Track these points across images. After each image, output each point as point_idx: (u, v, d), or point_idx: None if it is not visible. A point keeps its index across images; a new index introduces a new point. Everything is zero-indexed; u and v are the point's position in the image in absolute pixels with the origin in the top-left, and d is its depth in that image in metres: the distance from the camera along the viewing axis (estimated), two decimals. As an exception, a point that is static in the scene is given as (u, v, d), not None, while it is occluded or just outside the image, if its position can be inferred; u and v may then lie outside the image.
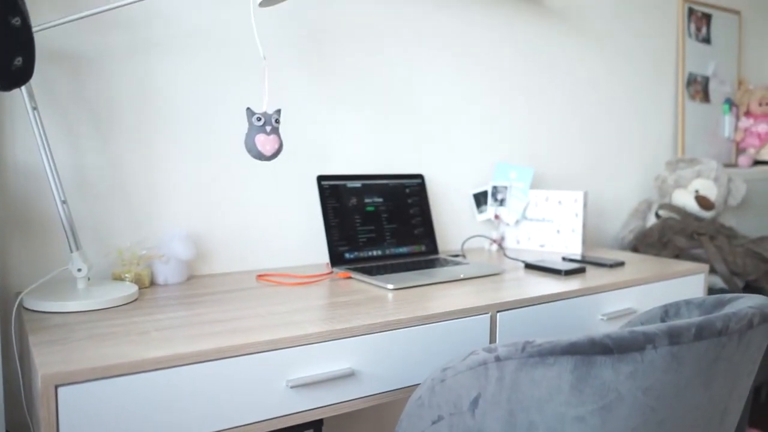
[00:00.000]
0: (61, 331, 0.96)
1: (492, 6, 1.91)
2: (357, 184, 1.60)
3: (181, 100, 1.42)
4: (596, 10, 2.20)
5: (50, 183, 1.14)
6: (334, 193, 1.55)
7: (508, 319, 1.22)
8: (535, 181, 2.09)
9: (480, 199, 1.90)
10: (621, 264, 1.61)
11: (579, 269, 1.50)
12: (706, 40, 2.62)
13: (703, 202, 2.18)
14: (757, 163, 2.76)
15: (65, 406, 0.80)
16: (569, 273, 1.47)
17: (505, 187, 1.87)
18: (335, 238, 1.52)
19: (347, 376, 1.03)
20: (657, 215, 2.24)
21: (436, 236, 1.82)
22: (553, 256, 1.73)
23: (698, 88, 2.59)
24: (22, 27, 0.92)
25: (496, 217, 1.88)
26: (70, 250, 1.16)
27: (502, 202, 1.87)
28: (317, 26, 1.59)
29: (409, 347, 1.09)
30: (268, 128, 1.18)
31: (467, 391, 0.85)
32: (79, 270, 1.16)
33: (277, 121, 1.19)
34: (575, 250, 1.79)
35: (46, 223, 1.28)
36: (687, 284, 1.58)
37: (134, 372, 0.84)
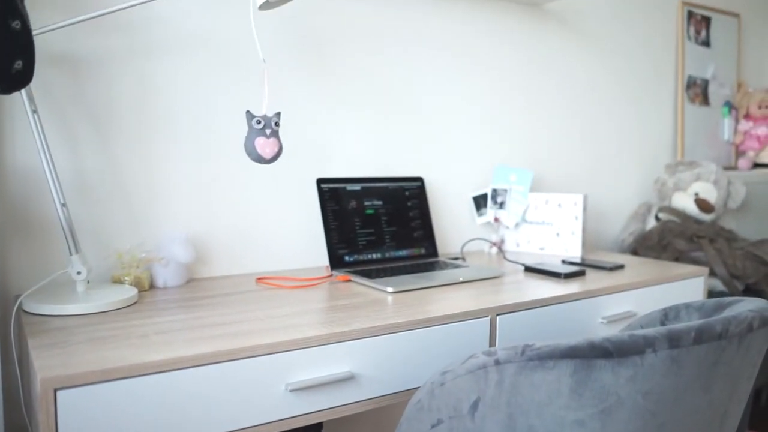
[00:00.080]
0: (61, 335, 0.96)
1: (492, 10, 1.92)
2: (357, 186, 1.60)
3: (180, 103, 1.42)
4: (596, 13, 2.21)
5: (50, 186, 1.14)
6: (334, 196, 1.55)
7: (507, 323, 1.22)
8: (534, 184, 2.09)
9: (480, 202, 1.90)
10: (621, 267, 1.61)
11: (579, 272, 1.49)
12: (706, 43, 2.62)
13: (703, 205, 2.18)
14: (756, 165, 2.76)
15: (64, 409, 0.80)
16: (569, 276, 1.47)
17: (505, 190, 1.87)
18: (335, 241, 1.52)
19: (347, 379, 1.03)
20: (657, 218, 2.24)
21: (436, 239, 1.82)
22: (552, 259, 1.73)
23: (698, 90, 2.59)
24: (22, 30, 0.92)
25: (496, 220, 1.88)
26: (70, 253, 1.16)
27: (501, 205, 1.87)
28: (317, 29, 1.59)
29: (408, 350, 1.09)
30: (268, 131, 1.18)
31: (467, 395, 0.85)
32: (79, 273, 1.16)
33: (277, 124, 1.19)
34: (575, 253, 1.79)
35: (45, 226, 1.28)
36: (687, 287, 1.58)
37: (133, 375, 0.84)
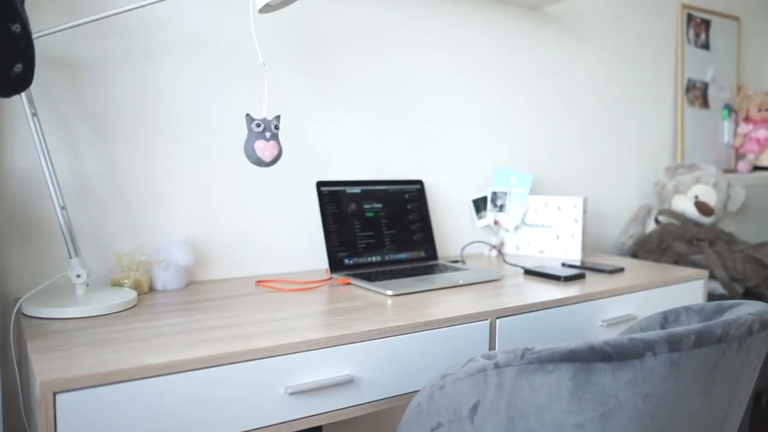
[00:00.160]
0: (60, 338, 0.96)
1: (492, 12, 1.92)
2: (356, 189, 1.60)
3: (180, 105, 1.42)
4: (595, 16, 2.21)
5: (49, 189, 1.14)
6: (334, 199, 1.55)
7: (507, 326, 1.22)
8: (534, 186, 2.09)
9: (479, 204, 1.90)
10: (620, 270, 1.61)
11: (578, 275, 1.49)
12: (705, 46, 2.62)
13: (703, 207, 2.18)
14: (756, 168, 2.76)
15: (63, 412, 0.80)
16: (569, 279, 1.47)
17: (505, 193, 1.87)
18: (334, 243, 1.52)
19: (346, 382, 1.02)
20: (656, 221, 2.24)
21: (436, 242, 1.82)
22: (552, 262, 1.73)
23: (697, 93, 2.60)
24: (22, 34, 0.92)
25: (496, 222, 1.88)
26: (69, 256, 1.16)
27: (501, 207, 1.87)
28: (316, 32, 1.59)
29: (408, 354, 1.09)
30: (268, 134, 1.18)
31: (466, 398, 0.85)
32: (78, 276, 1.16)
33: (277, 127, 1.19)
34: (575, 255, 1.79)
35: (45, 229, 1.28)
36: (686, 290, 1.58)
37: (133, 379, 0.84)
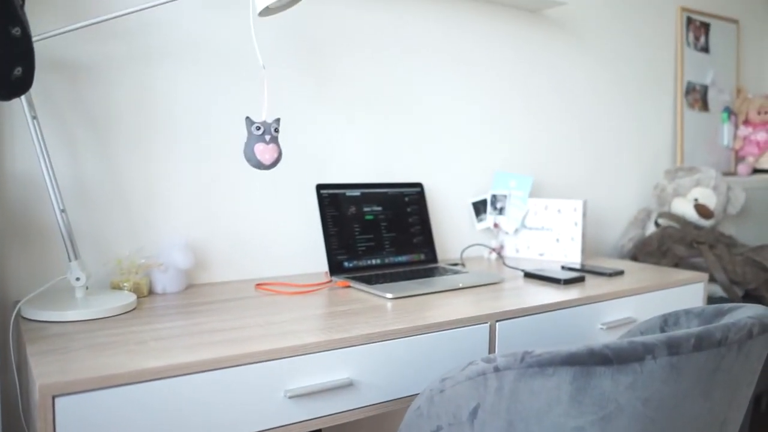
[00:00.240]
0: (59, 341, 0.96)
1: (492, 16, 1.92)
2: (356, 192, 1.60)
3: (179, 108, 1.42)
4: (595, 19, 2.21)
5: (49, 192, 1.14)
6: (333, 202, 1.55)
7: (507, 329, 1.22)
8: (534, 189, 2.09)
9: (479, 207, 1.90)
10: (620, 273, 1.60)
11: (578, 278, 1.49)
12: (705, 49, 2.63)
13: (703, 210, 2.18)
14: (756, 171, 2.76)
15: (62, 416, 0.80)
16: (568, 282, 1.47)
17: (505, 196, 1.87)
18: (334, 246, 1.52)
19: (346, 386, 1.02)
20: (656, 224, 2.24)
21: (435, 245, 1.82)
22: (552, 265, 1.73)
23: (697, 96, 2.60)
24: (22, 37, 0.92)
25: (496, 225, 1.88)
26: (69, 259, 1.16)
27: (501, 210, 1.87)
28: (316, 35, 1.59)
29: (407, 357, 1.09)
30: (268, 137, 1.18)
31: (466, 402, 0.85)
32: (78, 279, 1.16)
33: (276, 131, 1.19)
34: (574, 258, 1.79)
35: (44, 231, 1.28)
36: (686, 293, 1.58)
37: (132, 382, 0.84)
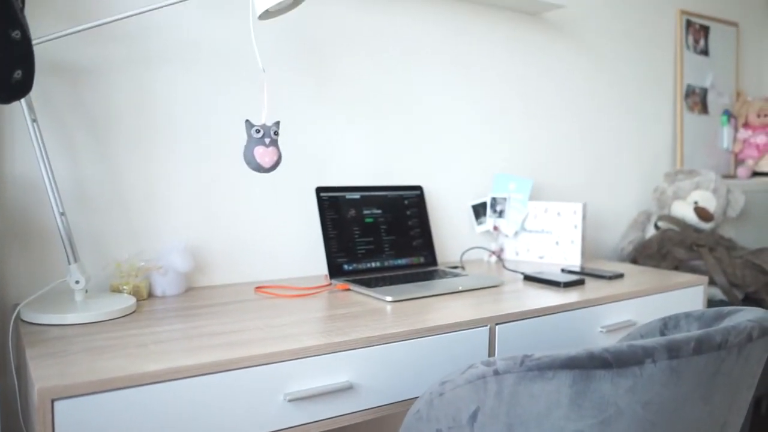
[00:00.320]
0: (59, 344, 0.96)
1: (491, 19, 1.92)
2: (356, 195, 1.60)
3: (179, 111, 1.42)
4: (595, 22, 2.21)
5: (49, 195, 1.14)
6: (333, 205, 1.55)
7: (507, 332, 1.22)
8: (534, 192, 2.09)
9: (479, 210, 1.90)
10: (620, 276, 1.60)
11: (578, 281, 1.49)
12: (704, 52, 2.63)
13: (702, 213, 2.18)
14: (755, 174, 2.76)
15: (61, 420, 0.80)
16: (568, 285, 1.47)
17: (504, 199, 1.87)
18: (334, 249, 1.52)
19: (345, 389, 1.02)
20: (656, 227, 2.24)
21: (435, 248, 1.82)
22: (552, 268, 1.73)
23: (696, 99, 2.60)
24: (22, 40, 0.92)
25: (495, 228, 1.88)
26: (68, 262, 1.16)
27: (501, 213, 1.87)
28: (316, 38, 1.60)
29: (407, 360, 1.09)
30: (267, 140, 1.18)
31: (466, 405, 0.85)
32: (77, 282, 1.16)
33: (276, 133, 1.19)
34: (574, 261, 1.79)
35: (44, 234, 1.28)
36: (686, 296, 1.58)
37: (131, 385, 0.84)
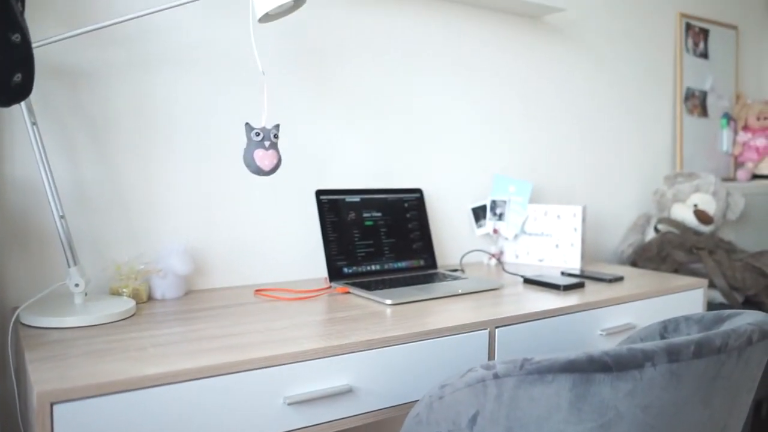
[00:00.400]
0: (58, 347, 0.96)
1: (491, 22, 1.92)
2: (355, 198, 1.60)
3: (179, 114, 1.42)
4: (594, 25, 2.22)
5: (48, 198, 1.14)
6: (333, 208, 1.55)
7: (506, 335, 1.22)
8: (533, 195, 2.09)
9: (479, 213, 1.90)
10: (620, 279, 1.60)
11: (578, 284, 1.49)
12: (704, 55, 2.63)
13: (702, 216, 2.18)
14: (755, 177, 2.76)
15: (61, 423, 0.80)
16: (568, 288, 1.47)
17: (504, 202, 1.87)
18: (334, 252, 1.52)
19: (345, 392, 1.02)
20: (656, 229, 2.24)
21: (435, 251, 1.82)
22: (551, 271, 1.73)
23: (696, 102, 2.60)
24: (22, 43, 0.92)
25: (495, 231, 1.88)
26: (68, 265, 1.16)
27: (500, 216, 1.87)
28: (316, 41, 1.60)
29: (407, 363, 1.09)
30: (267, 143, 1.18)
31: (466, 409, 0.85)
32: (77, 285, 1.16)
33: (276, 136, 1.19)
34: (574, 264, 1.79)
35: (43, 237, 1.28)
36: (686, 299, 1.58)
37: (131, 389, 0.84)
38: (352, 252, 1.55)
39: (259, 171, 1.18)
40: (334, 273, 1.51)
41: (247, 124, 1.17)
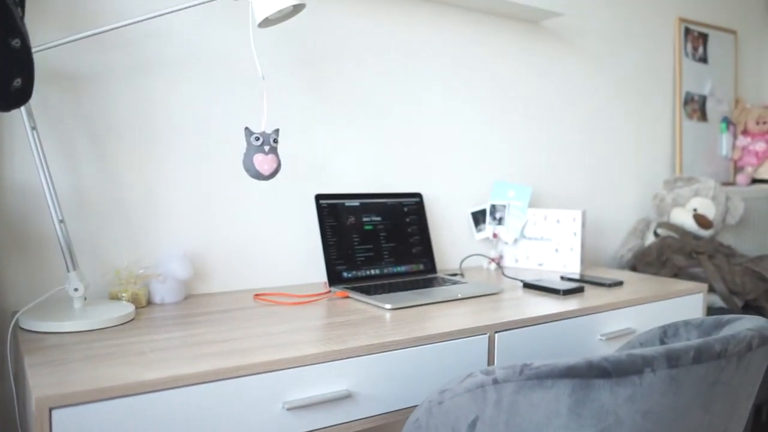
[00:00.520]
0: (57, 352, 0.96)
1: (491, 27, 1.93)
2: (355, 202, 1.60)
3: (179, 118, 1.42)
4: (593, 31, 2.22)
5: (48, 202, 1.14)
6: (333, 212, 1.55)
7: (506, 340, 1.22)
8: (533, 199, 2.09)
9: (478, 217, 1.90)
10: (619, 283, 1.60)
11: (577, 288, 1.49)
12: (703, 60, 2.64)
13: (702, 220, 2.18)
14: (755, 181, 2.77)
15: (59, 428, 0.79)
16: (568, 292, 1.46)
17: (504, 206, 1.87)
18: (333, 257, 1.52)
19: (344, 398, 1.02)
20: (655, 234, 2.24)
21: (435, 255, 1.82)
22: (551, 275, 1.73)
23: (695, 107, 2.60)
24: (22, 48, 0.92)
25: (495, 235, 1.88)
26: (67, 270, 1.16)
27: (500, 220, 1.87)
28: (316, 45, 1.60)
29: (406, 368, 1.09)
30: (267, 148, 1.18)
31: (465, 414, 0.85)
32: (76, 289, 1.16)
33: (276, 141, 1.19)
34: (574, 269, 1.78)
35: (43, 242, 1.28)
36: (686, 303, 1.58)
37: (130, 394, 0.84)
38: (351, 256, 1.55)
39: (258, 175, 1.18)
40: (334, 277, 1.51)
41: (246, 128, 1.18)
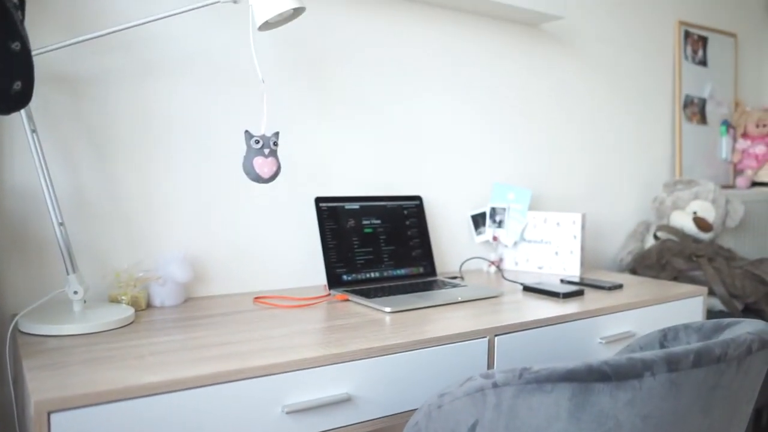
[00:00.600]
0: (56, 355, 0.96)
1: (491, 30, 1.93)
2: (355, 205, 1.60)
3: (179, 121, 1.42)
4: (593, 34, 2.22)
5: (48, 205, 1.14)
6: (332, 215, 1.55)
7: (506, 343, 1.21)
8: (533, 202, 2.09)
9: (478, 220, 1.90)
10: (619, 286, 1.60)
11: (577, 292, 1.49)
12: (703, 63, 2.64)
13: (702, 223, 2.18)
14: (754, 184, 2.77)
15: (58, 432, 0.79)
16: (567, 296, 1.46)
17: (504, 209, 1.87)
18: (333, 260, 1.52)
19: (344, 401, 1.02)
20: (655, 237, 2.24)
21: (434, 258, 1.82)
22: (551, 278, 1.73)
23: (695, 110, 2.61)
24: (22, 51, 0.92)
25: (495, 238, 1.88)
26: (67, 273, 1.16)
27: (500, 223, 1.87)
28: (315, 49, 1.60)
29: (406, 372, 1.09)
30: (266, 151, 1.18)
31: (464, 418, 0.85)
32: (76, 292, 1.16)
33: (275, 144, 1.19)
34: (573, 272, 1.78)
35: (42, 245, 1.28)
36: (686, 307, 1.58)
37: (129, 397, 0.84)
38: (351, 259, 1.55)
39: (258, 178, 1.18)
40: (333, 280, 1.51)
41: (246, 131, 1.18)
